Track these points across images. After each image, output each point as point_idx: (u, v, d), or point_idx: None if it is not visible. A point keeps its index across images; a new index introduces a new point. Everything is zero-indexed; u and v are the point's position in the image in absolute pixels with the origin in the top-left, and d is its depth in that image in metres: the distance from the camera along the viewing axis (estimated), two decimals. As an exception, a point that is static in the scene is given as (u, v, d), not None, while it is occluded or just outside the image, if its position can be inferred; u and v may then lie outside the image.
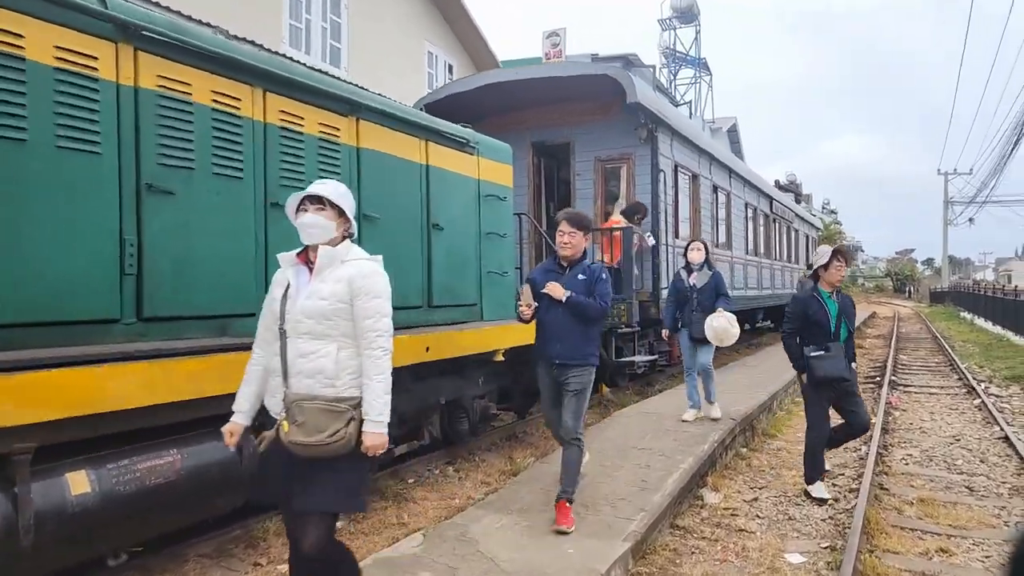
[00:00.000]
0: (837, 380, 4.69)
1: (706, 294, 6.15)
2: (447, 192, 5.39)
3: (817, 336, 4.70)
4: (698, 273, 6.25)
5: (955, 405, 8.74)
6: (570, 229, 4.00)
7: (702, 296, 6.15)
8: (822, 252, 4.81)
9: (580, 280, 3.97)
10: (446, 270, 5.34)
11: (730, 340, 5.97)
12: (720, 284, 6.21)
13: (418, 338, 4.62)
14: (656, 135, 8.26)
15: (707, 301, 6.12)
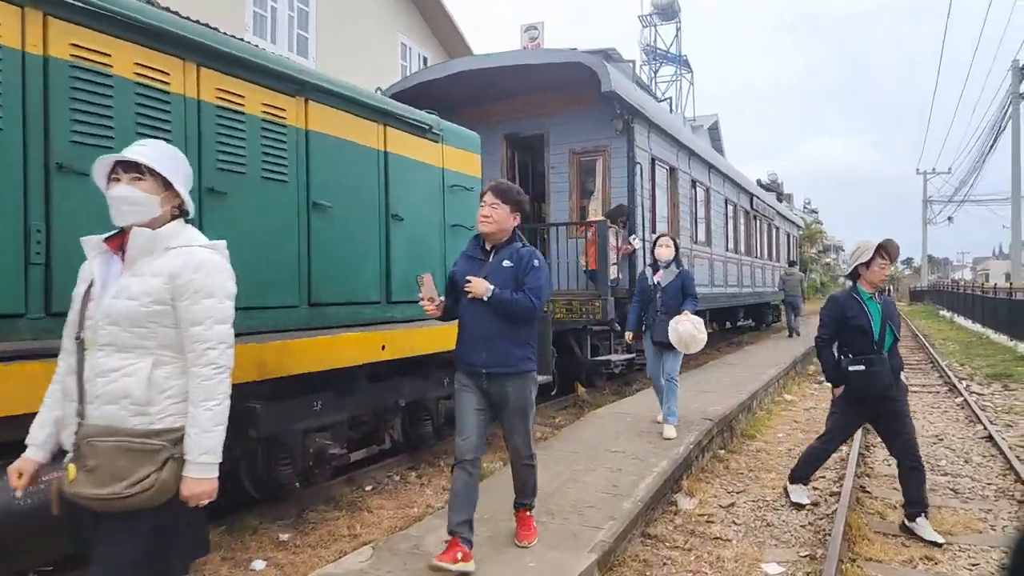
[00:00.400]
0: (881, 398, 4.08)
1: (671, 294, 5.58)
2: (408, 181, 5.09)
3: (858, 343, 4.07)
4: (664, 271, 5.67)
5: (937, 404, 8.58)
6: (492, 200, 3.21)
7: (666, 296, 5.59)
8: (862, 248, 4.18)
9: (506, 268, 3.23)
10: (407, 264, 5.03)
11: (696, 346, 5.38)
12: (687, 284, 5.60)
13: (373, 335, 4.31)
14: (632, 126, 8.01)
15: (672, 302, 5.55)
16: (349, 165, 4.55)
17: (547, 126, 8.48)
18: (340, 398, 4.45)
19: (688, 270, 5.68)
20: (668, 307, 5.55)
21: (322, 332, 4.12)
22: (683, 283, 5.59)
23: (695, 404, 6.67)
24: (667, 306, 5.55)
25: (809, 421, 7.52)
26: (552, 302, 7.51)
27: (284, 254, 4.03)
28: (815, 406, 8.45)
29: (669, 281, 5.62)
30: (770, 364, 10.32)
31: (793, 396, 9.01)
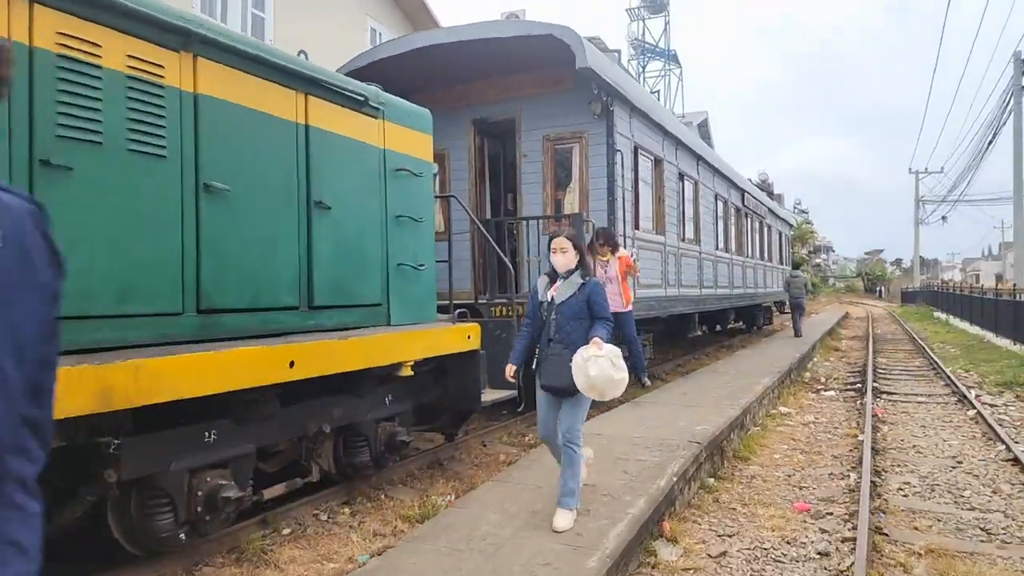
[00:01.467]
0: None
1: (569, 315, 3.75)
2: (337, 162, 4.25)
3: None
4: (562, 284, 3.82)
5: (948, 416, 7.82)
6: None
7: (562, 319, 3.75)
8: None
9: None
10: (335, 261, 4.20)
11: (614, 391, 3.62)
12: (596, 301, 3.76)
13: (277, 350, 3.46)
14: (612, 110, 7.21)
15: (570, 327, 3.74)
16: (256, 140, 3.71)
17: (519, 110, 7.66)
18: (242, 426, 3.61)
19: (597, 281, 3.88)
20: (564, 334, 3.72)
21: (215, 345, 3.28)
22: (589, 300, 3.75)
23: (680, 422, 5.87)
24: (563, 333, 3.73)
25: (809, 439, 6.74)
26: (521, 304, 6.69)
27: (160, 248, 3.19)
28: (815, 420, 7.67)
29: (567, 297, 3.77)
30: (763, 371, 9.54)
31: (789, 408, 8.23)
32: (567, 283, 3.82)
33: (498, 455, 5.86)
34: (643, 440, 5.23)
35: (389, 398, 4.72)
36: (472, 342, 5.06)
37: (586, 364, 3.51)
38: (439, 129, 8.14)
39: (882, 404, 8.61)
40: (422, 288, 5.01)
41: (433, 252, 5.22)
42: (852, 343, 18.23)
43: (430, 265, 5.10)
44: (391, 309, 4.69)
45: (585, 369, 3.51)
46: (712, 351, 14.31)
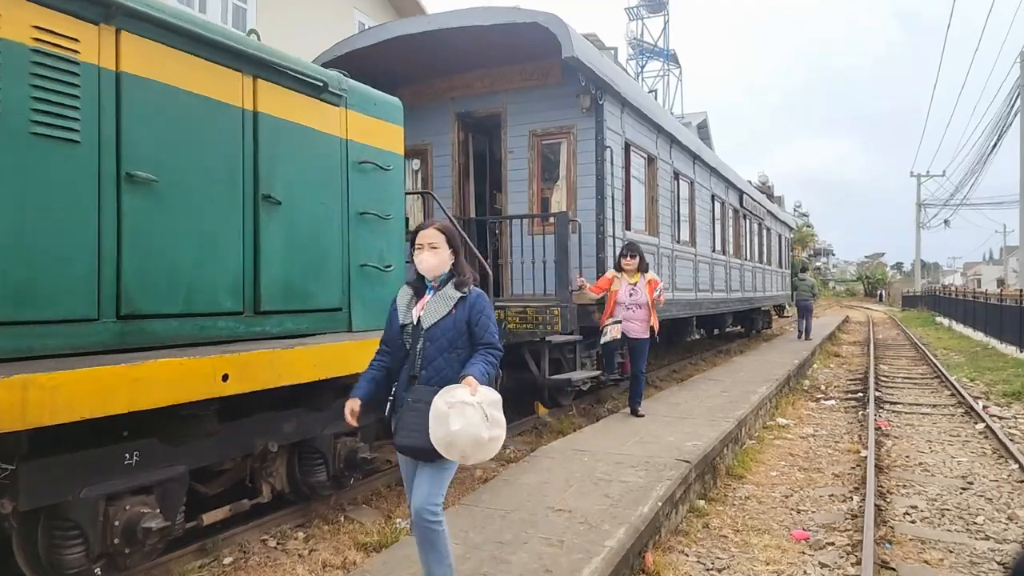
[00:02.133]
0: None
1: (442, 346, 2.65)
2: (290, 153, 3.86)
3: None
4: (433, 298, 2.73)
5: (955, 430, 7.42)
6: None
7: (432, 350, 2.65)
8: None
9: None
10: (287, 261, 3.82)
11: (481, 454, 2.54)
12: (481, 322, 2.70)
13: (208, 361, 3.07)
14: (602, 104, 6.82)
15: (443, 363, 2.64)
16: (192, 127, 3.32)
17: (504, 103, 7.28)
18: (172, 446, 3.23)
19: (481, 294, 2.77)
20: (434, 371, 2.63)
21: (132, 357, 2.89)
22: (471, 321, 2.69)
23: (670, 437, 5.47)
24: (432, 370, 2.63)
25: (808, 454, 6.34)
26: (503, 309, 6.30)
27: (70, 244, 2.80)
28: (814, 433, 7.28)
29: (440, 318, 2.67)
30: (761, 379, 9.15)
31: (787, 419, 7.84)
32: (439, 297, 2.70)
33: (474, 470, 5.47)
34: (629, 458, 4.84)
35: (350, 411, 4.32)
36: (443, 350, 4.66)
37: (449, 412, 2.42)
38: (422, 123, 7.78)
39: (885, 416, 8.22)
40: (389, 291, 4.58)
41: (403, 252, 4.82)
42: (853, 348, 17.84)
43: (399, 266, 4.71)
44: (353, 314, 4.30)
45: (446, 419, 2.41)
46: (709, 356, 13.92)
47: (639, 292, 6.28)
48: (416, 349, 2.69)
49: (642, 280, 6.34)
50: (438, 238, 2.75)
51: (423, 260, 2.74)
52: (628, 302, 6.29)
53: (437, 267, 2.75)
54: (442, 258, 2.75)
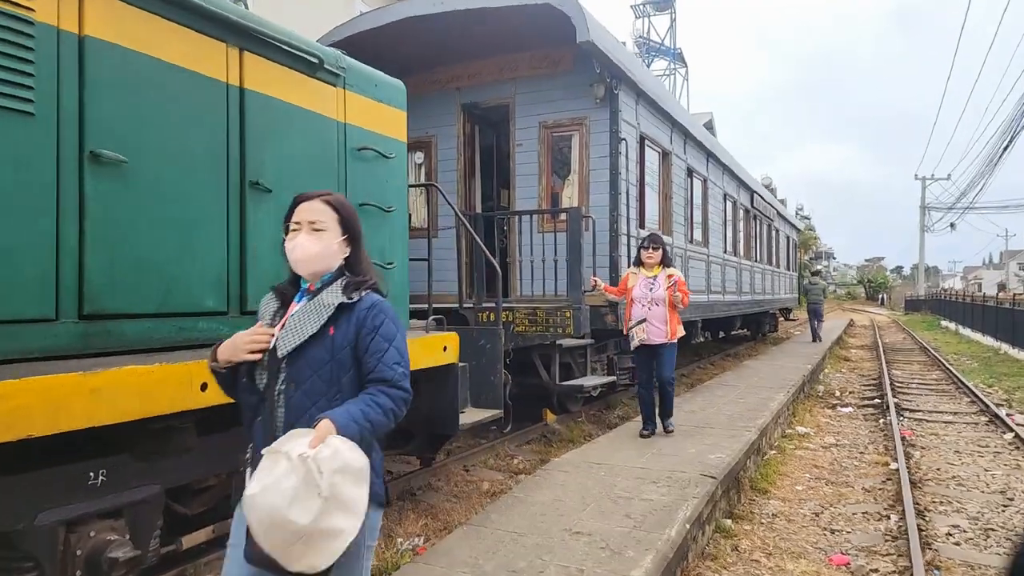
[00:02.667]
0: None
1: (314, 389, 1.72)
2: (282, 135, 3.49)
3: None
4: (303, 307, 1.83)
5: (982, 440, 7.05)
6: None
7: (300, 392, 1.72)
8: None
9: None
10: (277, 256, 3.41)
11: (296, 554, 1.51)
12: (373, 345, 1.75)
13: (183, 368, 2.69)
14: (617, 94, 6.45)
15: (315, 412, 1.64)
16: (168, 101, 2.94)
17: (513, 93, 6.90)
18: (144, 463, 2.84)
19: (380, 303, 1.85)
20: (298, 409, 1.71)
21: (94, 362, 2.52)
22: (359, 343, 1.78)
23: (691, 448, 5.10)
24: (296, 410, 1.71)
25: (834, 466, 5.97)
26: (511, 311, 5.93)
27: (21, 233, 2.42)
28: (836, 442, 6.91)
29: (305, 340, 1.76)
30: (776, 385, 8.78)
31: (806, 428, 7.47)
32: (309, 308, 1.80)
33: (481, 482, 5.10)
34: (648, 472, 4.46)
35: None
36: (448, 355, 4.29)
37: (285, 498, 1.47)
38: (426, 114, 7.41)
39: (907, 424, 7.85)
40: (391, 290, 4.23)
41: (406, 248, 4.46)
42: (861, 352, 17.47)
43: (402, 263, 4.34)
44: (350, 315, 3.92)
45: (277, 511, 1.48)
46: (717, 359, 13.56)
47: (658, 286, 5.43)
48: (273, 394, 1.71)
49: (662, 274, 5.47)
50: (326, 215, 1.83)
51: (297, 248, 1.81)
52: (645, 299, 5.42)
53: (317, 260, 1.80)
54: (327, 246, 1.80)
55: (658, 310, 5.43)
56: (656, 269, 5.50)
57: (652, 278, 5.47)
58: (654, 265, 5.50)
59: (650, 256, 5.51)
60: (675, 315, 5.50)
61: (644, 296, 5.45)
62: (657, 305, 5.43)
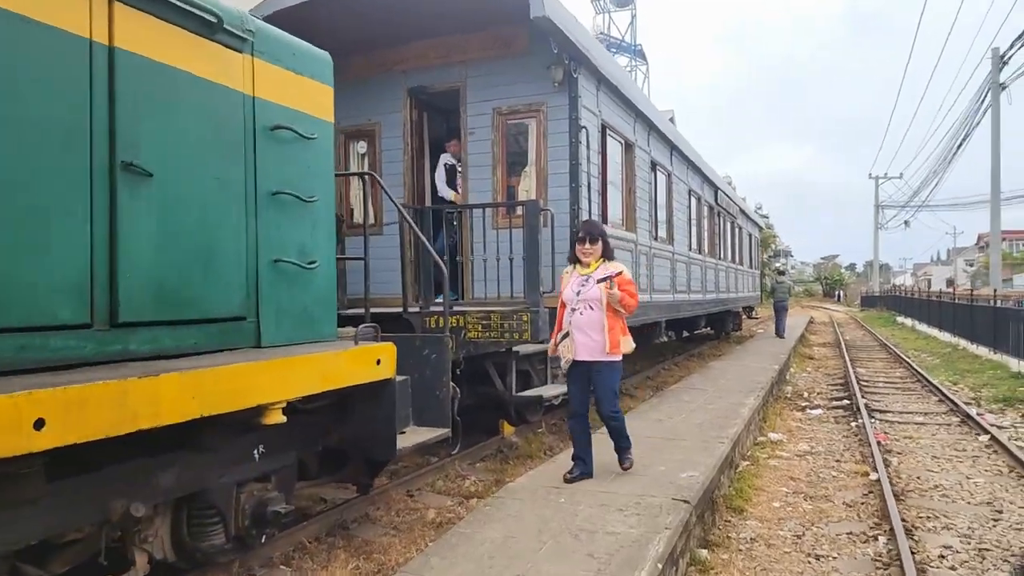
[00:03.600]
0: None
1: None
2: (166, 108, 2.87)
3: None
4: None
5: (958, 443, 6.76)
6: None
7: None
8: None
9: None
10: (162, 254, 2.82)
11: None
12: None
13: (11, 401, 2.06)
14: (576, 78, 5.94)
15: None
16: (6, 62, 2.30)
17: (464, 77, 6.34)
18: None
19: None
20: None
21: None
22: None
23: (660, 466, 4.61)
24: None
25: (811, 477, 5.57)
26: (462, 315, 5.36)
27: None
28: (811, 449, 6.53)
29: None
30: (745, 388, 8.41)
31: (778, 433, 7.08)
32: None
33: (427, 510, 4.52)
34: (615, 498, 3.95)
35: (260, 450, 3.33)
36: (383, 368, 3.69)
37: None
38: (369, 100, 6.78)
39: (878, 426, 7.54)
40: (313, 294, 3.64)
41: (333, 244, 3.87)
42: (824, 350, 17.40)
43: (327, 262, 3.74)
44: (263, 324, 3.32)
45: None
46: (682, 360, 13.22)
47: (592, 284, 4.23)
48: None
49: (600, 269, 4.29)
50: None
51: None
52: (573, 301, 4.24)
53: None
54: None
55: (592, 315, 4.18)
56: (594, 265, 4.32)
57: (586, 277, 4.30)
58: (592, 261, 4.34)
59: (586, 251, 4.33)
60: (618, 322, 4.25)
61: (573, 298, 4.28)
62: (590, 308, 4.19)
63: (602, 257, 4.38)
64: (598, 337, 4.21)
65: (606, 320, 4.21)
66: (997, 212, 17.32)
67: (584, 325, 4.24)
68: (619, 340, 4.27)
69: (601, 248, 4.38)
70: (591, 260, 4.35)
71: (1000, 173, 16.98)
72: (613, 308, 4.23)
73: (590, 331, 4.22)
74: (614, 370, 4.32)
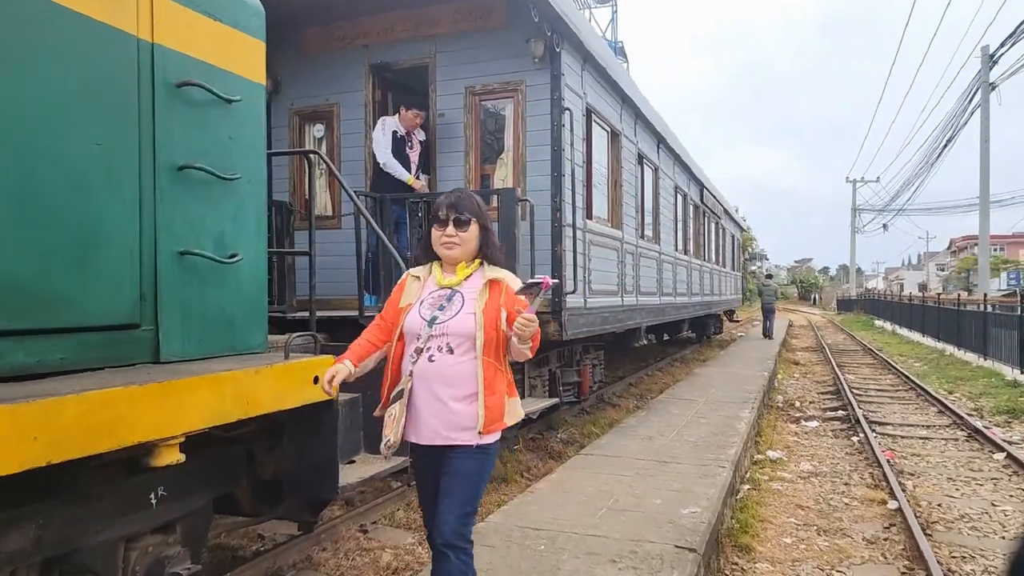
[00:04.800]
0: None
1: None
2: (27, 50, 2.14)
3: None
4: None
5: (971, 461, 6.22)
6: None
7: None
8: None
9: None
10: (11, 242, 2.09)
11: None
12: None
13: None
14: (559, 52, 5.27)
15: None
16: None
17: (433, 52, 5.64)
18: None
19: None
20: None
21: None
22: None
23: (655, 499, 3.96)
24: None
25: (820, 504, 4.96)
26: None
27: None
28: (814, 469, 5.94)
29: None
30: (737, 398, 7.84)
31: (777, 451, 6.49)
32: None
33: (382, 551, 3.83)
34: (606, 543, 3.28)
35: (159, 494, 2.60)
36: (320, 388, 2.99)
37: None
38: (326, 78, 6.04)
39: (881, 441, 6.99)
40: (235, 295, 2.92)
41: (264, 234, 3.16)
42: (808, 355, 16.98)
43: (254, 256, 3.03)
44: (163, 334, 2.59)
45: None
46: (664, 365, 12.65)
47: (465, 305, 2.27)
48: None
49: (476, 278, 2.33)
50: None
51: None
52: (423, 332, 2.26)
53: None
54: None
55: (456, 362, 2.23)
56: (464, 268, 2.35)
57: (449, 289, 2.31)
58: (460, 257, 2.33)
59: (451, 241, 2.31)
60: (504, 376, 2.30)
61: (419, 328, 2.27)
62: (452, 350, 2.24)
63: (478, 258, 2.35)
64: (463, 404, 2.21)
65: (482, 372, 2.20)
66: (986, 213, 17.06)
67: (438, 379, 2.22)
68: (503, 409, 2.25)
69: (478, 239, 2.33)
70: (457, 255, 2.30)
71: (989, 174, 16.71)
72: (503, 350, 2.26)
73: (450, 391, 2.22)
74: (485, 463, 2.27)
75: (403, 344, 2.34)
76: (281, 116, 6.11)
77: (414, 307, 2.34)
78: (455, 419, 2.22)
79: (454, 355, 2.23)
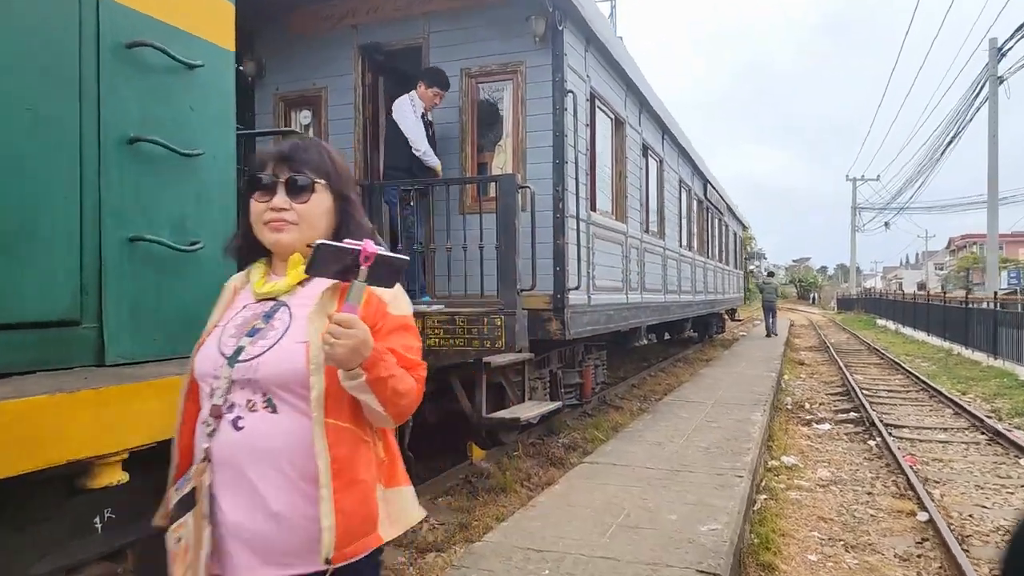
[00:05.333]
0: None
1: None
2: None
3: None
4: None
5: (997, 468, 5.88)
6: None
7: None
8: None
9: None
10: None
11: None
12: None
13: None
14: (562, 31, 4.93)
15: None
16: None
17: (426, 32, 5.29)
18: None
19: None
20: None
21: None
22: None
23: (670, 513, 3.61)
24: None
25: (844, 516, 4.62)
26: (420, 318, 4.31)
27: None
28: (833, 477, 5.60)
29: None
30: (747, 400, 7.51)
31: (792, 457, 6.14)
32: None
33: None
34: (617, 565, 2.93)
35: (106, 516, 2.25)
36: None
37: None
38: (313, 61, 5.68)
39: (899, 445, 6.65)
40: (194, 287, 2.56)
41: (231, 219, 2.79)
42: (813, 355, 16.65)
43: (211, 239, 2.67)
44: (108, 332, 2.24)
45: None
46: (668, 366, 12.31)
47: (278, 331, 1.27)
48: None
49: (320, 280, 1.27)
50: None
51: None
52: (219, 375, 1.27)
53: None
54: None
55: (287, 431, 1.22)
56: (301, 263, 1.30)
57: (271, 300, 1.34)
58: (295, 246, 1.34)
59: (279, 213, 1.32)
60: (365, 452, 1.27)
61: (213, 369, 1.30)
62: (282, 405, 1.24)
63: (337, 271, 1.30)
64: (297, 508, 1.22)
65: (326, 446, 1.22)
66: (995, 210, 16.75)
67: (252, 460, 1.24)
68: (374, 511, 1.27)
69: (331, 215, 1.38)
70: (291, 242, 1.34)
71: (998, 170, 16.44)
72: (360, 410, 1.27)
73: (273, 482, 1.23)
74: None
75: (195, 402, 1.39)
76: (265, 102, 5.76)
77: (212, 336, 1.38)
78: (283, 538, 1.21)
79: (277, 415, 1.24)
